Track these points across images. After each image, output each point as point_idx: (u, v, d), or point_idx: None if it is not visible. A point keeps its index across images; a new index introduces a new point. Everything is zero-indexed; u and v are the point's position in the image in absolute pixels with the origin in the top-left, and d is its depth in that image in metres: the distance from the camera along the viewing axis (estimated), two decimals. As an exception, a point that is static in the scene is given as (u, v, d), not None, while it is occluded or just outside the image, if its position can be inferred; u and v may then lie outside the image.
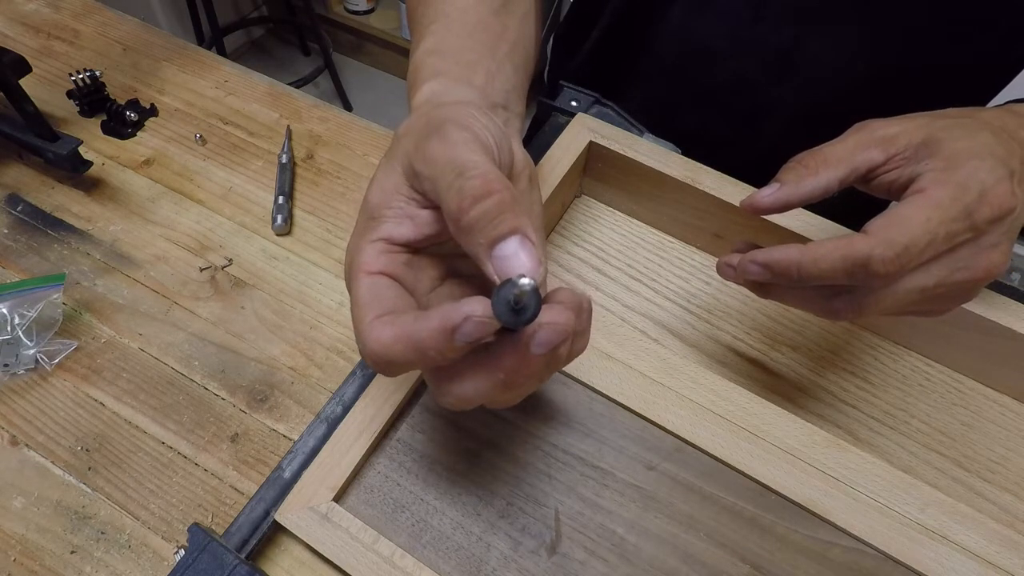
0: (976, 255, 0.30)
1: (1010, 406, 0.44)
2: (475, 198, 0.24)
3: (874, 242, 0.29)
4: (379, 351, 0.25)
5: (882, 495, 0.37)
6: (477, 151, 0.26)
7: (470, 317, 0.23)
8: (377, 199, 0.28)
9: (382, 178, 0.28)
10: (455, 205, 0.25)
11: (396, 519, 0.37)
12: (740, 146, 0.55)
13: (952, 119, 0.32)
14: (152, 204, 0.53)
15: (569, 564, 0.36)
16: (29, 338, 0.44)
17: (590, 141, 0.48)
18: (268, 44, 2.30)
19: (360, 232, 0.28)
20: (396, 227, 0.27)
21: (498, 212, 0.24)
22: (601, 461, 0.39)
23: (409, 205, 0.27)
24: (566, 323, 0.24)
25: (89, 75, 0.57)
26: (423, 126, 0.28)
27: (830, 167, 0.32)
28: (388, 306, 0.26)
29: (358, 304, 0.26)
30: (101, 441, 0.42)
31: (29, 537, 0.39)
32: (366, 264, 0.27)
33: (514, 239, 0.24)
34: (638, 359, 0.41)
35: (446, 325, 0.23)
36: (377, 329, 0.25)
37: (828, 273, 0.30)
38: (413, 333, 0.24)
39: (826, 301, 0.33)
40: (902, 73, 0.49)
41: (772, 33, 0.51)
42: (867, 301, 0.31)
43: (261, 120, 0.60)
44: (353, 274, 0.27)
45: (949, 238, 0.29)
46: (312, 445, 0.37)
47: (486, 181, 0.24)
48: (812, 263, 0.30)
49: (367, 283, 0.26)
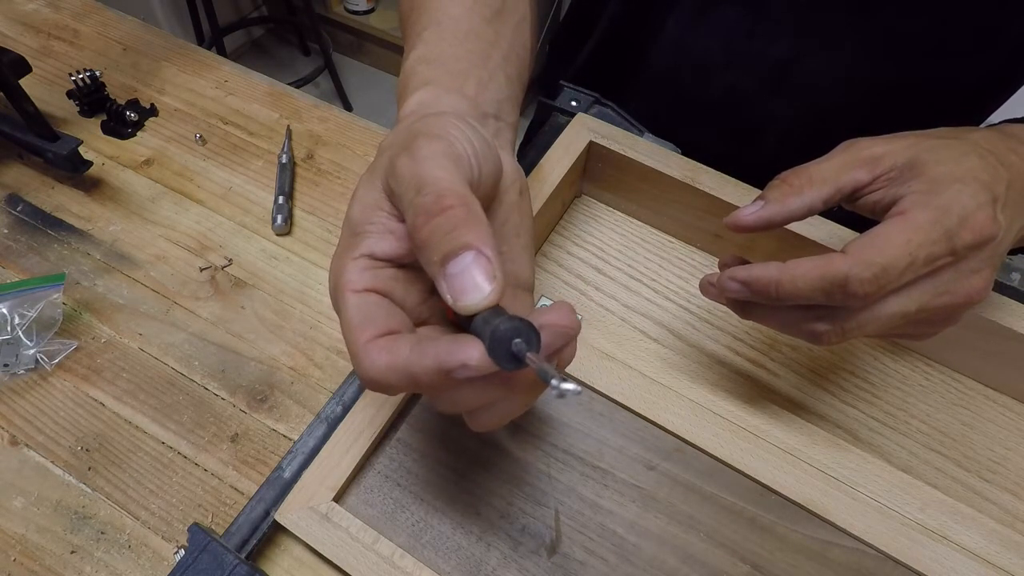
0: (957, 280, 0.30)
1: (1010, 406, 0.44)
2: (428, 214, 0.24)
3: (852, 262, 0.29)
4: (376, 377, 0.25)
5: (882, 495, 0.37)
6: (444, 166, 0.25)
7: (466, 364, 0.22)
8: (358, 215, 0.27)
9: (363, 194, 0.28)
10: (410, 222, 0.24)
11: (396, 519, 0.37)
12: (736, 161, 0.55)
13: (940, 140, 0.32)
14: (152, 204, 0.53)
15: (569, 564, 0.36)
16: (29, 338, 0.44)
17: (590, 141, 0.48)
18: (268, 44, 2.30)
19: (343, 249, 0.27)
20: (378, 242, 0.27)
21: (451, 228, 0.23)
22: (601, 461, 0.39)
23: (390, 220, 0.27)
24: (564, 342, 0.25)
25: (89, 75, 0.57)
26: (401, 141, 0.28)
27: (815, 186, 0.32)
28: (380, 325, 0.25)
29: (349, 325, 0.25)
30: (101, 441, 0.42)
31: (29, 537, 0.39)
32: (351, 282, 0.26)
33: (467, 255, 0.23)
34: (638, 359, 0.41)
35: (441, 367, 0.23)
36: (373, 355, 0.24)
37: (806, 292, 0.30)
38: (409, 366, 0.24)
39: (807, 324, 0.32)
40: (899, 88, 0.49)
41: (768, 46, 0.51)
42: (848, 324, 0.31)
43: (261, 120, 0.60)
44: (339, 293, 0.26)
45: (929, 261, 0.29)
46: (312, 445, 0.37)
47: (439, 197, 0.24)
48: (790, 281, 0.30)
49: (355, 301, 0.26)
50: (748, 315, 0.34)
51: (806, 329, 0.32)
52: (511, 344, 0.22)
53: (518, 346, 0.22)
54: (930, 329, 0.33)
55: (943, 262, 0.29)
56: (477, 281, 0.23)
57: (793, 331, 0.33)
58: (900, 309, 0.30)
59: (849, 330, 0.31)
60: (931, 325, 0.33)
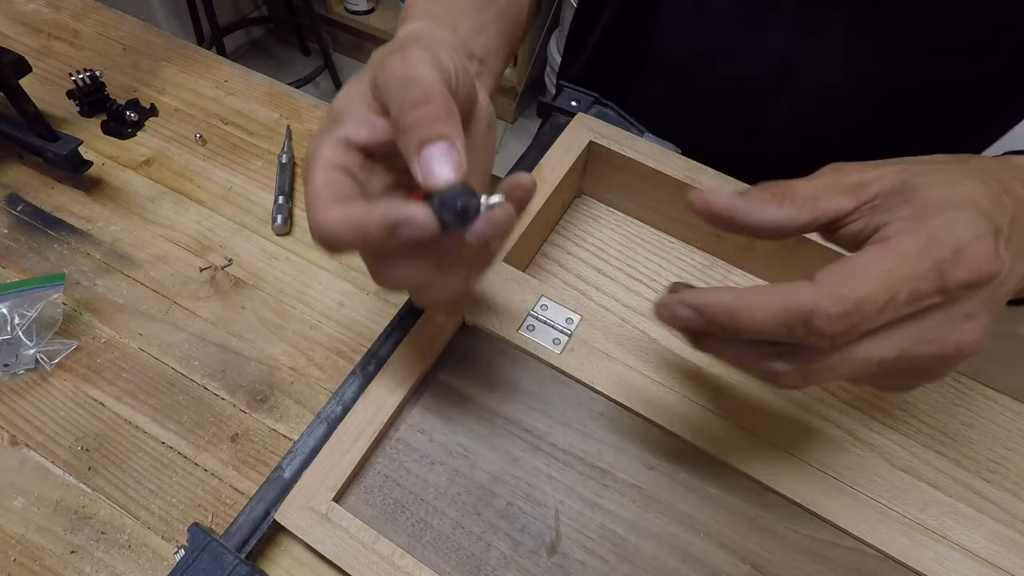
0: (947, 325, 0.25)
1: (1010, 406, 0.44)
2: (414, 103, 0.27)
3: (820, 294, 0.25)
4: (327, 230, 0.27)
5: (882, 495, 0.37)
6: (431, 69, 0.28)
7: (411, 220, 0.26)
8: (342, 105, 0.30)
9: (349, 89, 0.31)
10: (397, 108, 0.27)
11: (396, 519, 0.37)
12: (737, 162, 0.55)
13: (936, 164, 0.28)
14: (152, 204, 0.53)
15: (569, 564, 0.36)
16: (29, 338, 0.44)
17: (590, 141, 0.48)
18: (268, 44, 2.29)
19: (322, 131, 0.30)
20: (356, 128, 0.29)
21: (432, 119, 0.27)
22: (601, 461, 0.39)
23: (369, 112, 0.29)
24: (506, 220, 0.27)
25: (89, 75, 0.57)
26: (393, 48, 0.30)
27: (796, 204, 0.28)
28: (342, 194, 0.28)
29: (315, 190, 0.28)
30: (101, 441, 0.42)
31: (29, 537, 0.39)
32: (325, 157, 0.29)
33: (442, 143, 0.26)
34: (638, 359, 0.41)
35: (389, 219, 0.26)
36: (328, 210, 0.27)
37: (765, 326, 0.26)
38: (360, 219, 0.27)
39: (766, 361, 0.28)
40: (901, 91, 0.49)
41: (767, 39, 0.50)
42: (813, 367, 0.27)
43: (261, 120, 0.60)
44: (312, 165, 0.29)
45: (913, 300, 0.24)
46: (312, 445, 0.37)
47: (427, 91, 0.27)
48: (747, 312, 0.26)
49: (324, 174, 0.28)
50: (701, 346, 0.30)
51: (764, 368, 0.28)
52: (457, 201, 0.26)
53: (463, 203, 0.26)
54: (912, 382, 0.29)
55: (930, 302, 0.25)
56: (445, 166, 0.26)
57: (749, 368, 0.29)
58: (876, 354, 0.26)
59: (813, 373, 0.27)
60: (913, 378, 0.28)
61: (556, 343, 0.41)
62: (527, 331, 0.41)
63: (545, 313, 0.42)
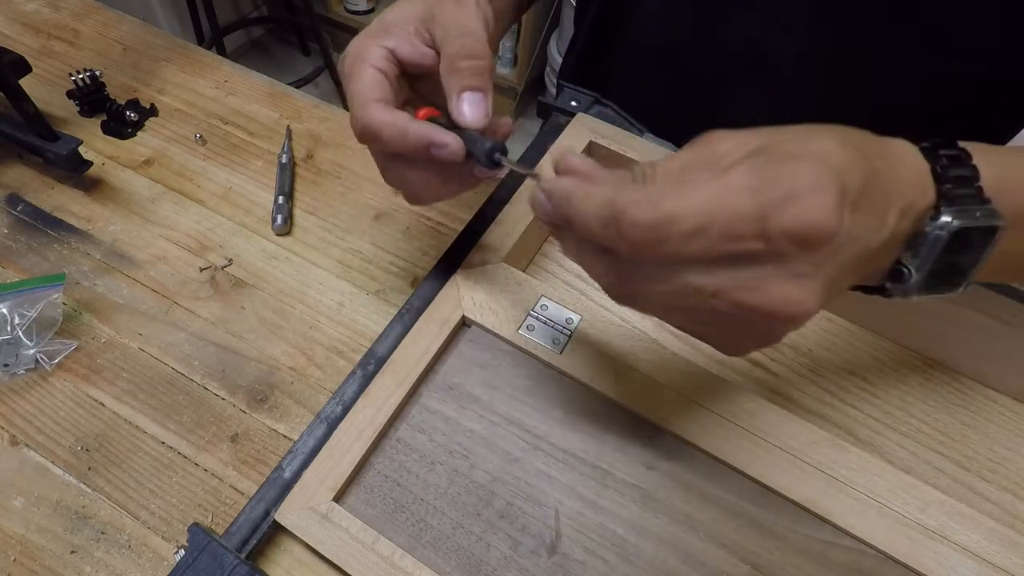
0: (771, 279, 0.24)
1: (1010, 406, 0.44)
2: (469, 54, 0.34)
3: (640, 197, 0.24)
4: (371, 126, 0.33)
5: (882, 495, 0.36)
6: (481, 24, 0.35)
7: (448, 145, 0.33)
8: (394, 19, 0.36)
9: (403, 8, 0.36)
10: (454, 51, 0.34)
11: (396, 519, 0.37)
12: None
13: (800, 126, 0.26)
14: (152, 204, 0.53)
15: (569, 564, 0.36)
16: (29, 338, 0.44)
17: (590, 141, 0.48)
18: (268, 44, 2.29)
19: (371, 35, 0.35)
20: (403, 45, 0.35)
21: (477, 71, 0.34)
22: (601, 461, 0.39)
23: (416, 35, 0.36)
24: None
25: (89, 75, 0.57)
26: None
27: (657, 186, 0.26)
28: (384, 95, 0.34)
29: (363, 85, 0.34)
30: (101, 441, 0.42)
31: (29, 537, 0.39)
32: (373, 58, 0.34)
33: (478, 94, 0.34)
34: (638, 359, 0.41)
35: (429, 138, 0.33)
36: (377, 109, 0.33)
37: (586, 218, 0.25)
38: (405, 127, 0.33)
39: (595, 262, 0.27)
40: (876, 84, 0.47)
41: (738, 26, 0.49)
42: (633, 276, 0.26)
43: (261, 120, 0.60)
44: (359, 64, 0.34)
45: (729, 236, 0.23)
46: (312, 445, 0.37)
47: (480, 45, 0.34)
48: (579, 199, 0.26)
49: (371, 73, 0.34)
50: (558, 236, 0.29)
51: (596, 271, 0.28)
52: (494, 150, 0.33)
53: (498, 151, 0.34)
54: (738, 334, 0.27)
55: (751, 246, 0.23)
56: (478, 112, 0.34)
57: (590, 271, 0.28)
58: (693, 281, 0.24)
59: (634, 283, 0.26)
60: (738, 328, 0.27)
61: (556, 343, 0.41)
62: (527, 331, 0.41)
63: (545, 313, 0.42)
